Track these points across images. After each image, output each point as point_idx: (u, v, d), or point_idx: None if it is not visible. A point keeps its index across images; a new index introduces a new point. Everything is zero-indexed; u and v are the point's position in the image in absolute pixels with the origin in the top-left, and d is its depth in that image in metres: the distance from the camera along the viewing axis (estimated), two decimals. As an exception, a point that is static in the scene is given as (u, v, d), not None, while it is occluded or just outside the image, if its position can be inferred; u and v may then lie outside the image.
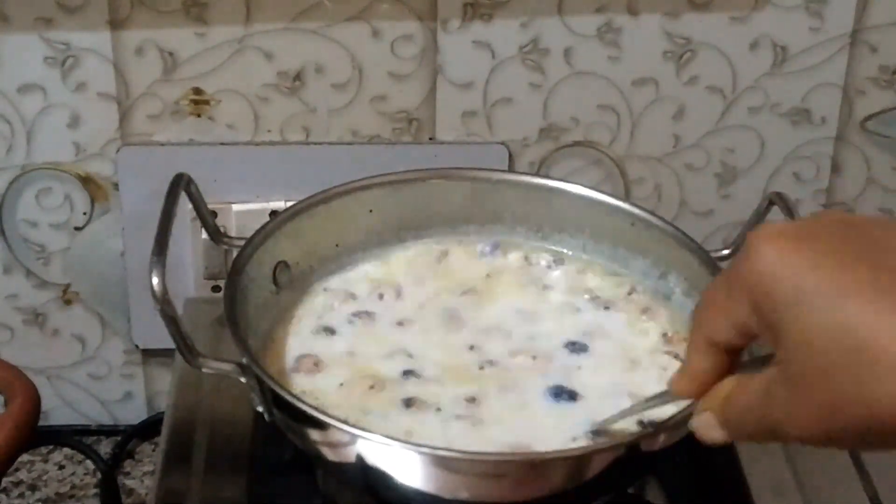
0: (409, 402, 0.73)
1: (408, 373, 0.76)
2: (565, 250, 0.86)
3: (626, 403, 0.71)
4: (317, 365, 0.76)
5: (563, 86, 0.98)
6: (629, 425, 0.70)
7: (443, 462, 0.66)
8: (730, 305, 0.54)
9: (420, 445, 0.67)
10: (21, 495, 1.03)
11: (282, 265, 0.81)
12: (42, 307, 1.04)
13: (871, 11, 0.97)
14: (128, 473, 1.06)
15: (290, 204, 0.83)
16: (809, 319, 0.50)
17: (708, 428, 0.58)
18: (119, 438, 1.08)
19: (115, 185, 0.99)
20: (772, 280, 0.52)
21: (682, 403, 0.65)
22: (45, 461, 1.07)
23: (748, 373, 0.56)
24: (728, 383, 0.57)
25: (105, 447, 1.07)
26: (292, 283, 0.82)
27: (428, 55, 0.97)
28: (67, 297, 1.04)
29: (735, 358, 0.58)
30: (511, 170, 1.00)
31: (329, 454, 0.69)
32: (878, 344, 0.48)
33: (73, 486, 1.04)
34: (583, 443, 0.71)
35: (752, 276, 0.52)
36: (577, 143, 1.01)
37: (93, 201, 1.00)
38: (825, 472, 0.80)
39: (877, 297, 0.49)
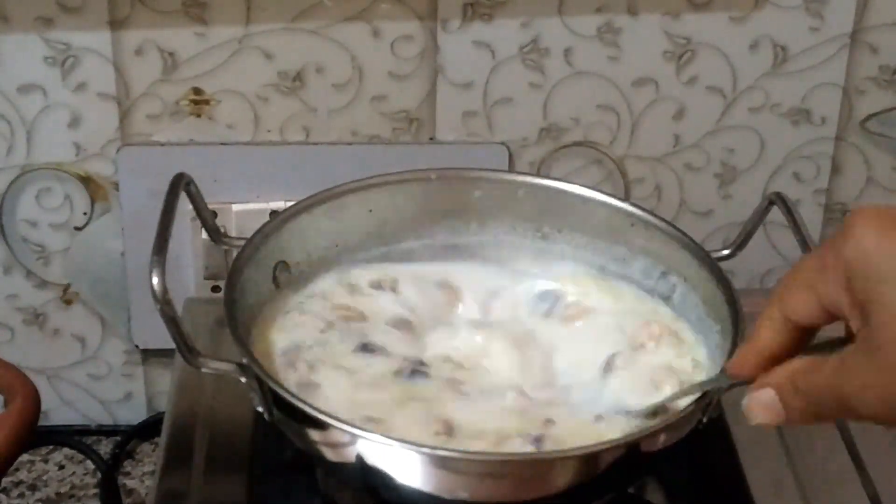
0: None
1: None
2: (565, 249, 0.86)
3: None
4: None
5: (563, 86, 0.98)
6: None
7: (443, 462, 0.66)
8: (823, 282, 0.56)
9: (420, 445, 0.67)
10: (21, 495, 1.03)
11: (282, 265, 0.81)
12: (42, 307, 1.04)
13: (871, 11, 0.97)
14: (128, 473, 1.06)
15: (290, 204, 0.83)
16: None
17: (766, 406, 0.58)
18: (119, 438, 1.08)
19: (115, 185, 0.99)
20: (871, 257, 0.53)
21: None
22: (45, 461, 1.07)
23: (820, 354, 0.57)
24: (796, 362, 0.58)
25: (105, 447, 1.07)
26: (292, 282, 0.82)
27: (428, 55, 0.97)
28: (67, 297, 1.04)
29: (805, 340, 0.59)
30: (511, 170, 1.00)
31: (329, 454, 0.69)
32: None
33: (73, 486, 1.04)
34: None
35: (851, 253, 0.54)
36: (577, 143, 1.01)
37: (93, 201, 1.00)
38: (825, 472, 0.81)
39: None
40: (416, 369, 0.76)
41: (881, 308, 0.53)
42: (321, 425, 0.68)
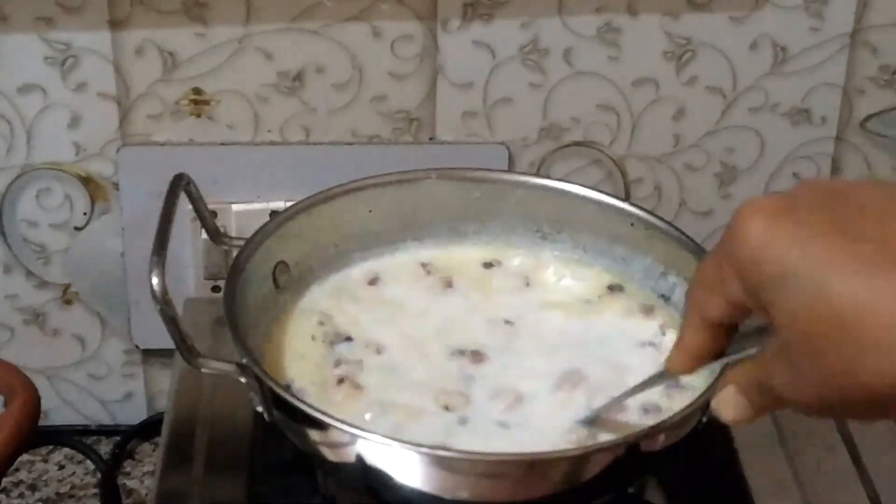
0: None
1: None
2: (565, 249, 0.86)
3: None
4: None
5: (563, 86, 0.98)
6: (625, 412, 0.72)
7: (443, 462, 0.66)
8: (722, 284, 0.55)
9: (420, 445, 0.67)
10: (21, 495, 1.03)
11: (282, 265, 0.81)
12: (42, 307, 1.04)
13: (871, 11, 0.97)
14: (128, 473, 1.06)
15: (290, 204, 0.83)
16: (795, 298, 0.51)
17: (731, 402, 0.58)
18: (119, 438, 1.08)
19: (115, 185, 0.99)
20: (757, 259, 0.52)
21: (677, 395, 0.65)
22: (45, 461, 1.07)
23: (746, 343, 0.58)
24: (748, 361, 0.58)
25: (105, 447, 1.07)
26: (292, 283, 0.82)
27: (428, 55, 0.97)
28: (67, 297, 1.04)
29: (730, 332, 0.59)
30: (511, 170, 1.00)
31: (329, 454, 0.69)
32: (861, 319, 0.48)
33: (73, 486, 1.04)
34: (578, 433, 0.71)
35: (739, 255, 0.53)
36: (577, 143, 1.01)
37: (93, 201, 1.00)
38: (825, 472, 0.81)
39: (859, 269, 0.49)
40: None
41: (777, 312, 0.52)
42: (321, 425, 0.68)
